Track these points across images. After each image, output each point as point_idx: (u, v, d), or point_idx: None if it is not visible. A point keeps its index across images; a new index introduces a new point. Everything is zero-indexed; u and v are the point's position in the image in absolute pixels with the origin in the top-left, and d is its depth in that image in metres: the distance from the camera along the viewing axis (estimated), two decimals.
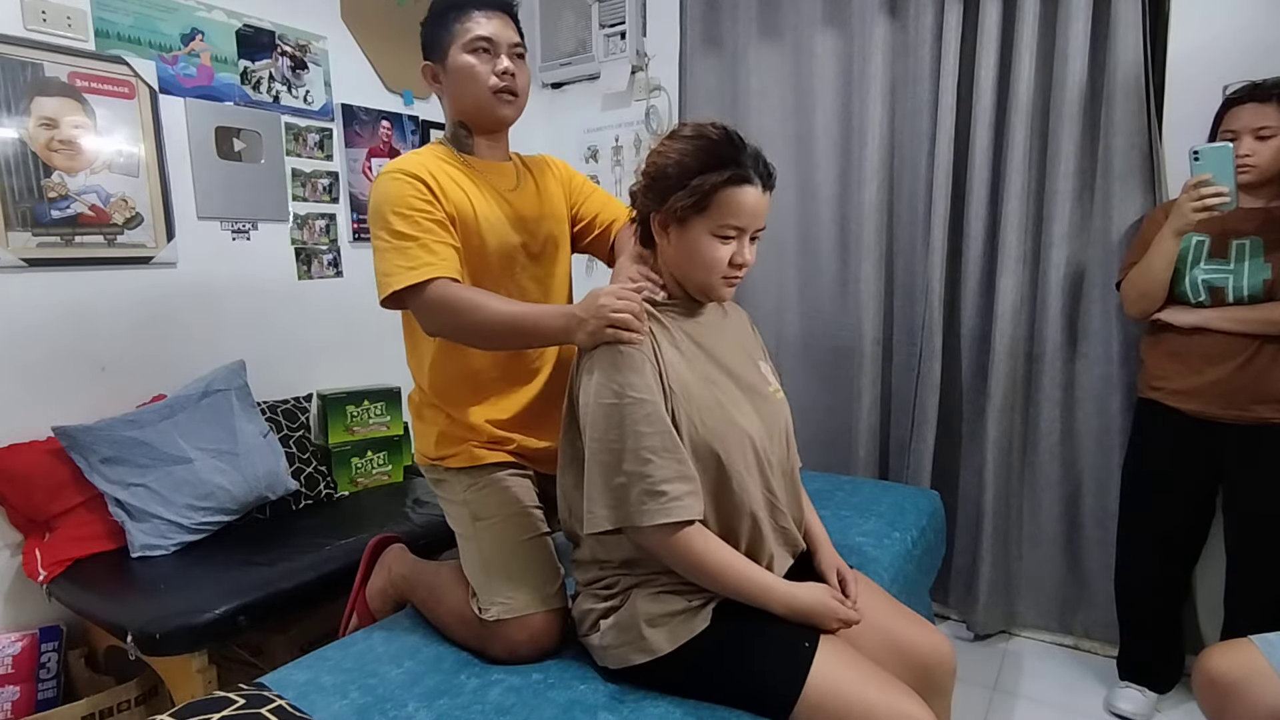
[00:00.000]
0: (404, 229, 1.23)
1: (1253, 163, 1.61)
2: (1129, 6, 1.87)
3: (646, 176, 1.15)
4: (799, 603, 1.09)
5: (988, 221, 2.14)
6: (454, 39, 1.32)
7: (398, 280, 1.22)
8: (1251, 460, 1.68)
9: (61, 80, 1.80)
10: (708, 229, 1.10)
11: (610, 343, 1.09)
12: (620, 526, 1.07)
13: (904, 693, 1.04)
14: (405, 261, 1.22)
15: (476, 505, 1.35)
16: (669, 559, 1.08)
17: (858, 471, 2.38)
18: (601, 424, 1.07)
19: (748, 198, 1.09)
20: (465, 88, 1.33)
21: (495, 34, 1.32)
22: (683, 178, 1.09)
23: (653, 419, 1.05)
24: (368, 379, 2.43)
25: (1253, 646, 1.17)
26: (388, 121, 2.55)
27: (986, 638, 2.25)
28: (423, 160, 1.31)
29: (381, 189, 1.27)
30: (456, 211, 1.30)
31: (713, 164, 1.08)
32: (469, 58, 1.31)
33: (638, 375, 1.06)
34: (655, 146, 1.16)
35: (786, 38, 2.45)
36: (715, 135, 1.12)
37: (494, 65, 1.32)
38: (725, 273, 1.12)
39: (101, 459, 1.77)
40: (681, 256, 1.14)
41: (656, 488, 1.04)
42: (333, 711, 1.10)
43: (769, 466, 1.15)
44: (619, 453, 1.06)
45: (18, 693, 1.65)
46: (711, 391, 1.12)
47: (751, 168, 1.09)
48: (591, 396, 1.09)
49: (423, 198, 1.26)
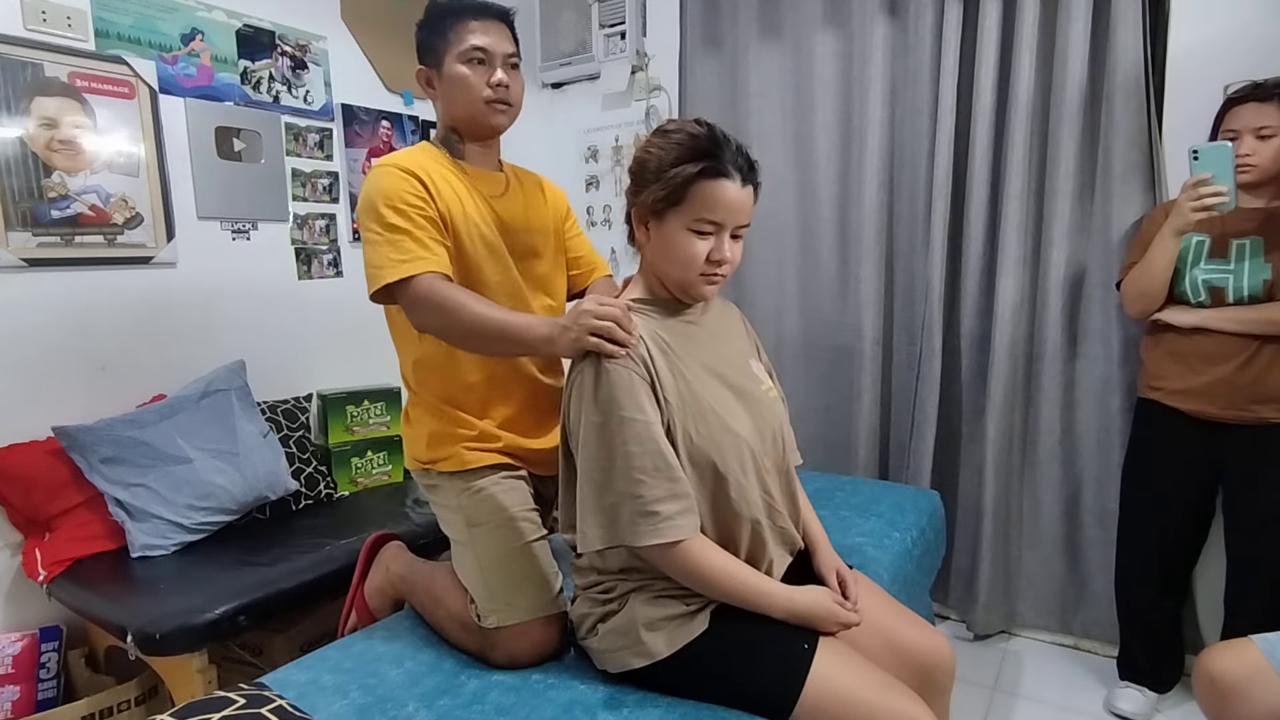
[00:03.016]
0: (397, 222, 1.23)
1: (1253, 162, 1.61)
2: (1129, 6, 1.87)
3: (630, 172, 1.15)
4: (799, 606, 1.08)
5: (988, 221, 2.14)
6: (449, 47, 1.32)
7: (389, 273, 1.21)
8: (1251, 460, 1.68)
9: (61, 80, 1.80)
10: (683, 223, 1.08)
11: (594, 352, 1.07)
12: (612, 546, 1.06)
13: (904, 693, 1.04)
14: (397, 254, 1.22)
15: (471, 511, 1.33)
16: (667, 570, 1.07)
17: (858, 471, 2.38)
18: (592, 443, 1.06)
19: (725, 192, 1.07)
20: (459, 96, 1.34)
21: (491, 45, 1.33)
22: (659, 170, 1.08)
23: (642, 438, 1.03)
24: (368, 379, 2.43)
25: (1253, 646, 1.17)
26: (388, 121, 2.56)
27: (986, 638, 2.25)
28: (416, 158, 1.32)
29: (375, 182, 1.27)
30: (448, 211, 1.30)
31: (688, 156, 1.07)
32: (463, 68, 1.32)
33: (626, 394, 1.04)
34: (641, 143, 1.16)
35: (786, 38, 2.45)
36: (696, 131, 1.10)
37: (488, 76, 1.33)
38: (703, 269, 1.10)
39: (101, 459, 1.77)
40: (659, 252, 1.13)
41: (648, 508, 1.03)
42: (333, 711, 1.10)
43: (764, 470, 1.15)
44: (609, 472, 1.04)
45: (18, 693, 1.65)
46: (704, 399, 1.11)
47: (730, 161, 1.07)
48: (581, 415, 1.08)
49: (417, 194, 1.26)
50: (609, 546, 1.06)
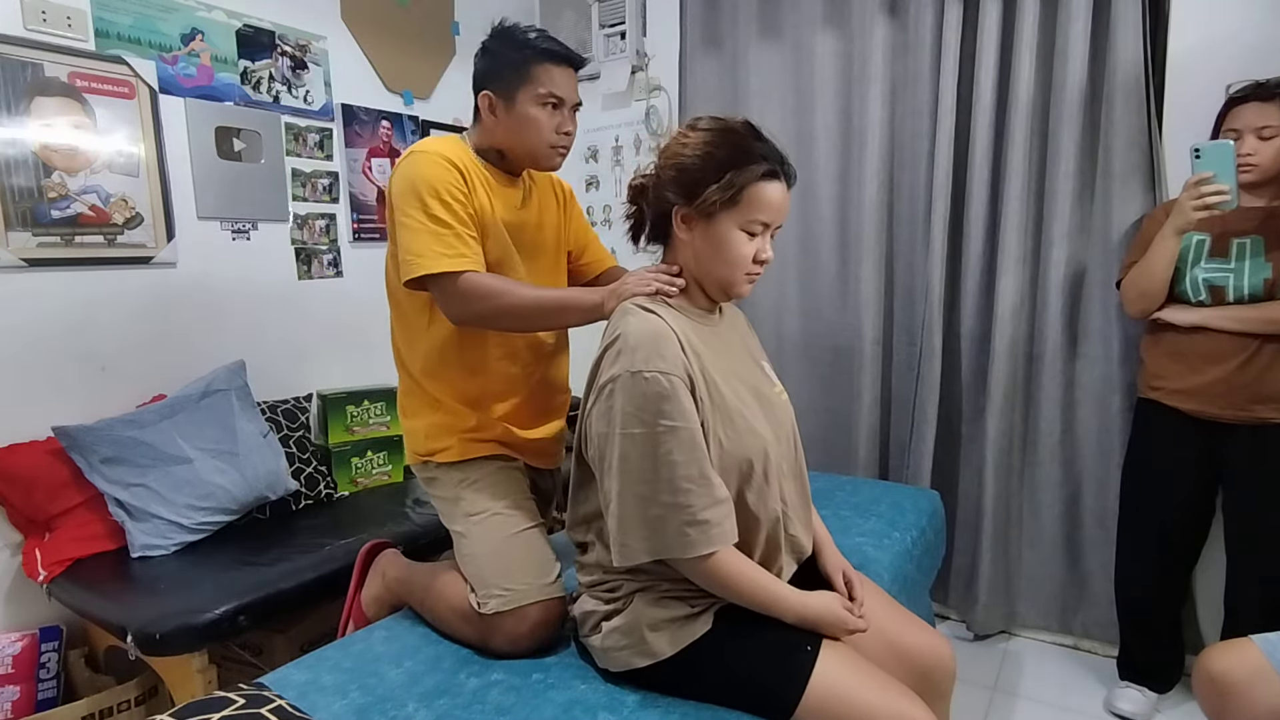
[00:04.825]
0: (441, 214, 1.26)
1: (1255, 162, 1.61)
2: (1129, 6, 1.87)
3: (670, 169, 1.11)
4: (809, 611, 1.08)
5: (988, 221, 2.14)
6: (525, 84, 1.34)
7: (432, 264, 1.24)
8: (1252, 460, 1.68)
9: (61, 80, 1.80)
10: (737, 223, 1.08)
11: (625, 370, 1.04)
12: (658, 559, 1.05)
13: (904, 694, 1.04)
14: (441, 247, 1.25)
15: (469, 500, 1.36)
16: (695, 575, 1.06)
17: (858, 471, 2.39)
18: (633, 455, 1.03)
19: (776, 194, 1.08)
20: (527, 136, 1.36)
21: (567, 94, 1.36)
22: (716, 170, 1.07)
23: (685, 446, 1.02)
24: (368, 379, 2.43)
25: (1253, 646, 1.17)
26: (388, 121, 2.55)
27: (986, 638, 2.25)
28: (456, 151, 1.34)
29: (418, 168, 1.28)
30: (480, 210, 1.33)
31: (743, 157, 1.07)
32: (537, 111, 1.34)
33: (669, 401, 1.02)
34: (674, 138, 1.14)
35: (786, 38, 2.45)
36: (739, 127, 1.11)
37: (558, 123, 1.36)
38: (749, 268, 1.11)
39: (101, 459, 1.77)
40: (706, 252, 1.12)
41: (698, 517, 1.02)
42: (333, 711, 1.10)
43: (781, 473, 1.15)
44: (654, 484, 1.02)
45: (18, 693, 1.65)
46: (730, 401, 1.10)
47: (778, 162, 1.09)
48: (615, 426, 1.04)
49: (460, 188, 1.29)
50: (655, 559, 1.05)
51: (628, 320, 1.09)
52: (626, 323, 1.08)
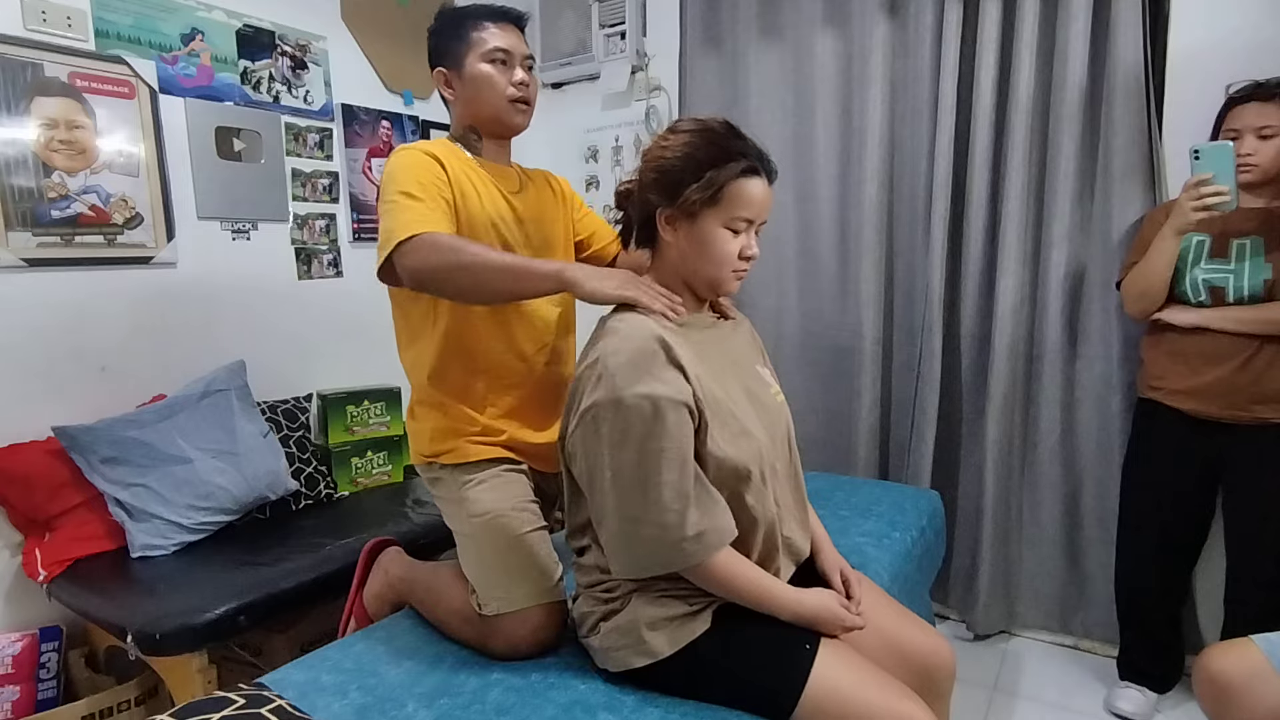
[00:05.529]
0: (414, 191, 1.26)
1: (1255, 162, 1.61)
2: (1129, 6, 1.87)
3: (652, 172, 1.12)
4: (806, 608, 1.08)
5: (988, 221, 2.14)
6: (471, 48, 1.36)
7: (401, 231, 1.20)
8: (1251, 460, 1.68)
9: (61, 80, 1.80)
10: (720, 221, 1.09)
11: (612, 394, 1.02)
12: (657, 573, 1.06)
13: (904, 694, 1.04)
14: (408, 215, 1.23)
15: (472, 501, 1.35)
16: (694, 577, 1.06)
17: (858, 471, 2.38)
18: (622, 480, 1.03)
19: (757, 189, 1.10)
20: (483, 95, 1.37)
21: (512, 46, 1.38)
22: (695, 170, 1.08)
23: (673, 465, 1.01)
24: (368, 379, 2.43)
25: (1253, 646, 1.17)
26: (388, 121, 2.55)
27: (986, 638, 2.25)
28: (437, 147, 1.35)
29: (399, 160, 1.31)
30: (461, 199, 1.33)
31: (722, 155, 1.08)
32: (487, 67, 1.37)
33: (654, 424, 1.01)
34: (655, 142, 1.15)
35: (786, 38, 2.45)
36: (718, 127, 1.12)
37: (510, 75, 1.38)
38: (735, 265, 1.12)
39: (101, 459, 1.77)
40: (692, 251, 1.12)
41: (691, 533, 1.02)
42: (333, 711, 1.10)
43: (775, 476, 1.15)
44: (644, 506, 1.02)
45: (18, 693, 1.65)
46: (724, 402, 1.10)
47: (757, 159, 1.10)
48: (602, 451, 1.04)
49: (438, 175, 1.30)
50: (652, 574, 1.06)
51: (608, 340, 1.08)
52: (606, 343, 1.07)
